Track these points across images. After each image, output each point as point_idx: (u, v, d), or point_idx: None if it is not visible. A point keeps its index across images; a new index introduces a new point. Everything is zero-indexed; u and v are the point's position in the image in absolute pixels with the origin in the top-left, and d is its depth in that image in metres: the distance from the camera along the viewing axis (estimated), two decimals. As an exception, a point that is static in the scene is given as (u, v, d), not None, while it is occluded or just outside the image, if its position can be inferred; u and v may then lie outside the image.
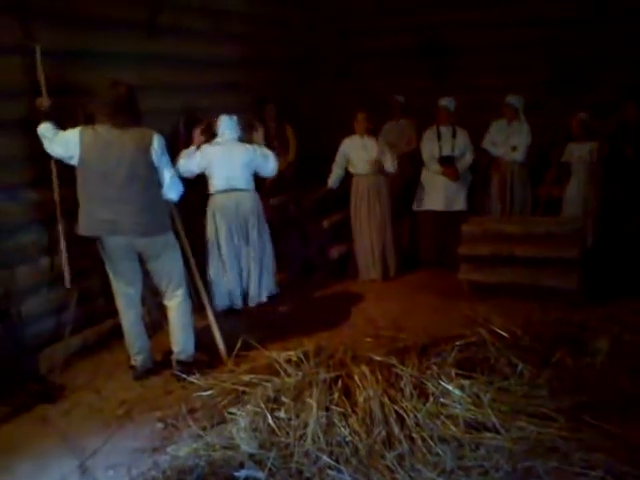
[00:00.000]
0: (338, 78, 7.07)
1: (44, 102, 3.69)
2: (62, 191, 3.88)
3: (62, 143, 3.60)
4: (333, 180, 5.69)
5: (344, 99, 6.77)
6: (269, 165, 4.68)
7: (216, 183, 4.54)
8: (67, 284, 3.99)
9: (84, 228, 3.65)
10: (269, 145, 5.16)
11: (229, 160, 4.51)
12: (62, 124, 3.69)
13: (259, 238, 4.66)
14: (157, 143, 3.62)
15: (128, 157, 3.54)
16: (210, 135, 4.63)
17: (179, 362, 3.88)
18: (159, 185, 3.69)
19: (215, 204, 4.56)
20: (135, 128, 3.61)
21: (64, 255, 3.96)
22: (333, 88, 7.06)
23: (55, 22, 3.91)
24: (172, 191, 3.76)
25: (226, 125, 4.58)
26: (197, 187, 4.52)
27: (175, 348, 3.91)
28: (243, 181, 4.57)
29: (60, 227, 3.92)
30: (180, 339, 3.90)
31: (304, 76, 6.82)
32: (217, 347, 4.10)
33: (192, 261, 4.20)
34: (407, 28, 6.70)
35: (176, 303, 3.88)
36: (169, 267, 3.83)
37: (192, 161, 4.45)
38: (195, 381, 3.69)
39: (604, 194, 5.44)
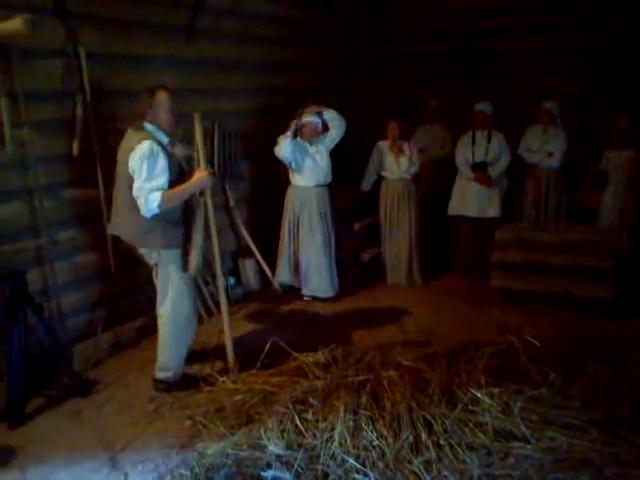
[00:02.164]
0: (374, 82, 7.08)
1: None
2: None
3: None
4: (366, 183, 5.72)
5: (379, 103, 6.78)
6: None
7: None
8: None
9: (108, 226, 3.79)
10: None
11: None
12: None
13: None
14: (137, 152, 3.33)
15: (120, 162, 3.50)
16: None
17: (154, 379, 3.78)
18: None
19: None
20: (139, 133, 3.43)
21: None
22: (369, 92, 7.08)
23: (97, 26, 4.00)
24: (140, 205, 3.39)
25: None
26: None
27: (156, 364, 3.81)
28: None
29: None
30: (159, 356, 3.76)
31: (340, 80, 6.84)
32: (226, 353, 3.90)
33: (218, 261, 3.82)
34: (443, 34, 6.68)
35: (159, 323, 3.73)
36: (159, 283, 3.69)
37: None
38: (224, 380, 3.72)
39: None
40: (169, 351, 3.72)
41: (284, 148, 4.90)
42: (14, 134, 3.52)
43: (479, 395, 3.28)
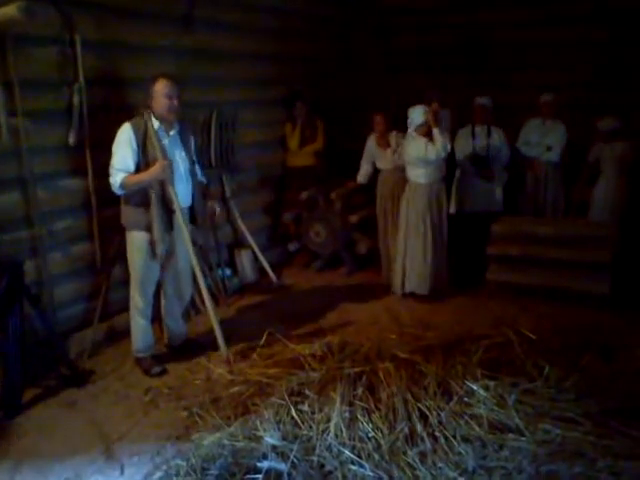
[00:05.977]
0: (374, 74, 7.04)
1: None
2: (96, 180, 3.98)
3: None
4: (362, 175, 5.67)
5: (379, 94, 6.74)
6: None
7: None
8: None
9: None
10: (302, 136, 5.81)
11: None
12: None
13: None
14: (117, 134, 3.61)
15: None
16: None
17: None
18: None
19: None
20: (132, 118, 3.64)
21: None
22: (368, 84, 7.04)
23: (94, 13, 3.96)
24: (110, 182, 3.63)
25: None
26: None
27: None
28: None
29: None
30: None
31: (339, 71, 6.81)
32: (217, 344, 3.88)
33: (194, 260, 3.83)
34: (445, 26, 6.64)
35: None
36: None
37: None
38: (221, 371, 3.73)
39: (632, 196, 5.33)
40: (132, 328, 3.90)
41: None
42: (9, 123, 3.49)
43: (474, 387, 3.31)
